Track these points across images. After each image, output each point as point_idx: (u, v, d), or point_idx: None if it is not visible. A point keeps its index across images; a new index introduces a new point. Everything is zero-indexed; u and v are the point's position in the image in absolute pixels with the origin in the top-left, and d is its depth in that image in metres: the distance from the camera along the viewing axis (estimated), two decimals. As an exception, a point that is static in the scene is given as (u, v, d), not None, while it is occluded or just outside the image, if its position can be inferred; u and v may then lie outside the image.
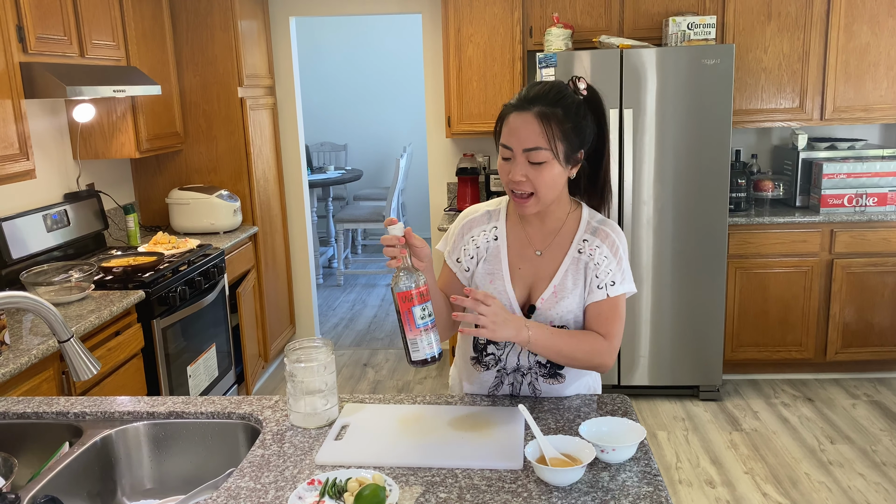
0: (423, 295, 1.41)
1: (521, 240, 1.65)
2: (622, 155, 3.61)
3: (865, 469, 3.13)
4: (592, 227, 1.63)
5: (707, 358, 3.79)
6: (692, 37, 3.66)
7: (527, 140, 1.50)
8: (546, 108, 1.50)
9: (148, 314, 2.83)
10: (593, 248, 1.61)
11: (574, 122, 1.52)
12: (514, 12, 3.95)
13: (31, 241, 2.95)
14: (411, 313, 1.40)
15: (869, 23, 3.85)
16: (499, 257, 1.64)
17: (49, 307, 1.32)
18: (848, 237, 3.85)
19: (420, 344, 1.41)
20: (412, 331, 1.41)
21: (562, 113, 1.51)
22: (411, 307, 1.40)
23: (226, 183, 4.01)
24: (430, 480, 1.34)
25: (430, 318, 1.42)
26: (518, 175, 1.51)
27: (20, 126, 2.57)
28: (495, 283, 1.63)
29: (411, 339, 1.41)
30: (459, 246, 1.68)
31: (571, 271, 1.61)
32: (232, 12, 3.83)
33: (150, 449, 1.65)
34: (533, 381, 1.67)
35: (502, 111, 1.57)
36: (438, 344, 1.44)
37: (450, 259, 1.69)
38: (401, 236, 1.42)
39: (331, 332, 5.19)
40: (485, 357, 1.69)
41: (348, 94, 7.64)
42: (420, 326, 1.41)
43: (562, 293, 1.61)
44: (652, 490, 1.29)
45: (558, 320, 1.61)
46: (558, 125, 1.50)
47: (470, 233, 1.68)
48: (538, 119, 1.49)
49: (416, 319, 1.40)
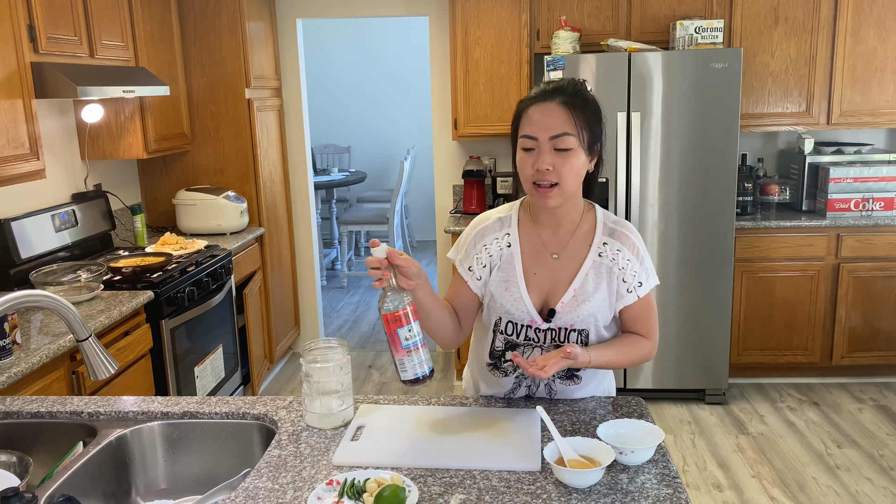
0: (407, 316, 1.39)
1: (535, 244, 1.63)
2: (629, 158, 3.62)
3: (873, 473, 3.13)
4: (609, 228, 1.62)
5: (713, 361, 3.79)
6: (699, 40, 3.67)
7: (554, 127, 1.50)
8: (568, 98, 1.52)
9: (156, 315, 2.82)
10: (615, 252, 1.60)
11: (595, 113, 1.54)
12: (521, 15, 3.95)
13: (39, 241, 2.95)
14: (396, 335, 1.40)
15: (876, 27, 3.86)
16: (513, 264, 1.62)
17: (69, 306, 1.32)
18: (854, 241, 3.85)
19: (407, 364, 1.41)
20: (399, 352, 1.40)
21: (582, 102, 1.52)
22: (396, 329, 1.39)
23: (232, 184, 4.01)
24: (449, 482, 1.34)
25: (418, 337, 1.40)
26: (546, 163, 1.50)
27: (31, 126, 2.57)
28: (511, 291, 1.62)
29: (398, 359, 1.41)
30: (472, 255, 1.66)
31: (592, 274, 1.60)
32: (240, 14, 3.83)
33: (165, 449, 1.64)
34: (550, 383, 1.67)
35: (519, 107, 1.57)
36: (428, 362, 1.42)
37: (461, 267, 1.67)
38: (383, 258, 1.40)
39: (335, 334, 5.18)
40: (503, 363, 1.68)
41: (352, 95, 7.64)
42: (405, 347, 1.40)
43: (582, 296, 1.60)
44: (671, 492, 1.29)
45: (579, 323, 1.61)
46: (582, 113, 1.51)
47: (482, 241, 1.65)
48: (563, 107, 1.51)
49: (401, 341, 1.40)
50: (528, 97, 1.56)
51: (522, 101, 1.57)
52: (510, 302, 1.61)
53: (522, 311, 1.61)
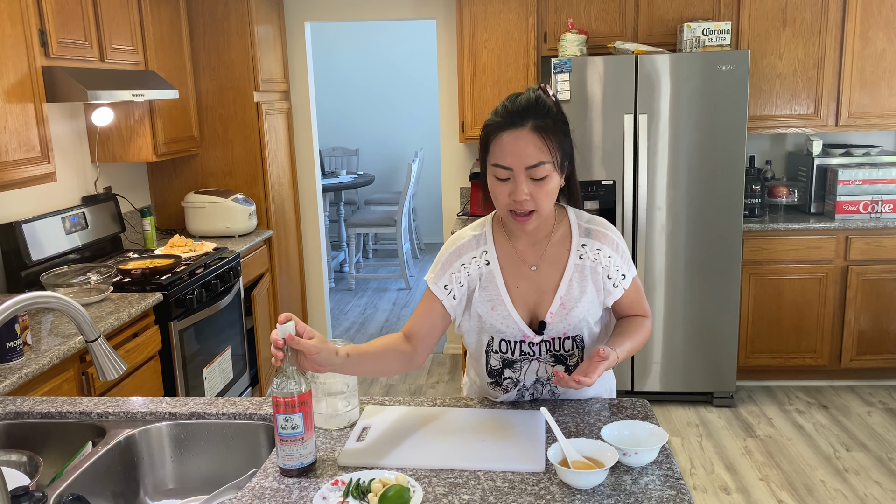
0: (290, 405, 1.34)
1: (512, 258, 1.60)
2: (636, 160, 3.62)
3: (882, 477, 3.12)
4: (584, 228, 1.61)
5: (721, 364, 3.78)
6: (707, 43, 3.67)
7: (529, 157, 1.45)
8: (539, 120, 1.46)
9: (165, 316, 2.85)
10: (595, 252, 1.59)
11: (563, 131, 1.50)
12: (528, 18, 3.96)
13: (49, 244, 2.98)
14: (275, 419, 1.36)
15: (885, 29, 3.85)
16: (494, 282, 1.59)
17: (78, 307, 1.34)
18: (863, 244, 3.83)
19: (280, 451, 1.37)
20: (276, 435, 1.37)
21: (552, 123, 1.47)
22: (276, 413, 1.35)
23: (241, 187, 4.04)
24: (453, 482, 1.35)
25: (295, 430, 1.35)
26: (523, 194, 1.46)
27: (42, 129, 2.60)
28: (497, 310, 1.59)
29: (277, 442, 1.37)
30: (447, 272, 1.60)
31: (576, 279, 1.58)
32: (248, 17, 3.86)
33: (173, 449, 1.66)
34: (553, 388, 1.67)
35: (487, 130, 1.49)
36: (307, 457, 1.37)
37: (436, 286, 1.61)
38: (279, 339, 1.34)
39: (343, 336, 5.20)
40: (503, 381, 1.67)
41: (360, 98, 7.67)
42: (280, 435, 1.36)
43: (570, 303, 1.58)
44: (675, 493, 1.29)
45: (571, 330, 1.60)
46: (553, 136, 1.46)
47: (460, 259, 1.61)
48: (536, 133, 1.45)
49: (278, 427, 1.36)
50: (497, 122, 1.48)
51: (490, 124, 1.49)
52: (499, 321, 1.59)
53: (513, 328, 1.59)
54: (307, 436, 1.37)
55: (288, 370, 1.36)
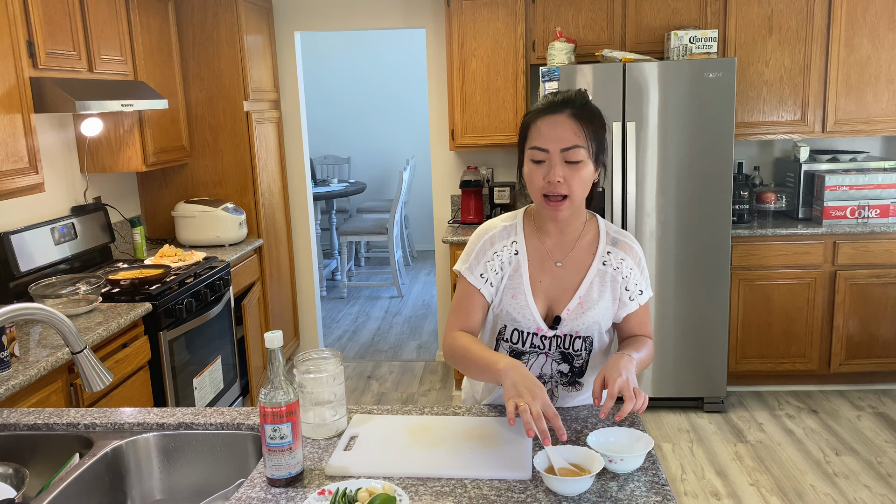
0: (277, 415, 1.34)
1: (540, 252, 1.66)
2: (625, 167, 3.64)
3: (871, 481, 3.13)
4: (612, 237, 1.67)
5: (711, 370, 3.79)
6: (694, 50, 3.70)
7: (565, 139, 1.52)
8: (577, 110, 1.54)
9: (155, 326, 2.84)
10: (619, 261, 1.65)
11: (601, 123, 1.57)
12: (517, 27, 3.98)
13: (38, 254, 2.97)
14: (263, 429, 1.36)
15: (869, 36, 3.89)
16: (520, 271, 1.65)
17: (62, 318, 1.34)
18: (851, 249, 3.86)
19: (268, 461, 1.37)
20: (264, 446, 1.37)
21: (590, 114, 1.55)
22: (263, 423, 1.35)
23: (231, 196, 4.04)
24: (440, 490, 1.35)
25: (283, 440, 1.35)
26: (557, 175, 1.52)
27: (30, 140, 2.60)
28: (517, 298, 1.64)
29: (264, 452, 1.37)
30: (482, 261, 1.67)
31: (597, 283, 1.64)
32: (238, 27, 3.86)
33: (160, 460, 1.66)
34: (553, 389, 1.69)
35: (526, 119, 1.58)
36: (294, 466, 1.37)
37: (472, 276, 1.67)
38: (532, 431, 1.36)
39: (335, 345, 5.19)
40: None
41: (351, 107, 7.69)
42: (268, 445, 1.36)
43: (587, 304, 1.64)
44: (660, 500, 1.30)
45: (584, 330, 1.64)
46: (590, 125, 1.54)
47: (493, 248, 1.67)
48: (573, 119, 1.53)
49: (266, 437, 1.36)
50: (537, 109, 1.57)
51: (530, 112, 1.58)
52: (516, 310, 1.64)
53: (529, 319, 1.64)
54: (295, 445, 1.38)
55: (276, 380, 1.36)
